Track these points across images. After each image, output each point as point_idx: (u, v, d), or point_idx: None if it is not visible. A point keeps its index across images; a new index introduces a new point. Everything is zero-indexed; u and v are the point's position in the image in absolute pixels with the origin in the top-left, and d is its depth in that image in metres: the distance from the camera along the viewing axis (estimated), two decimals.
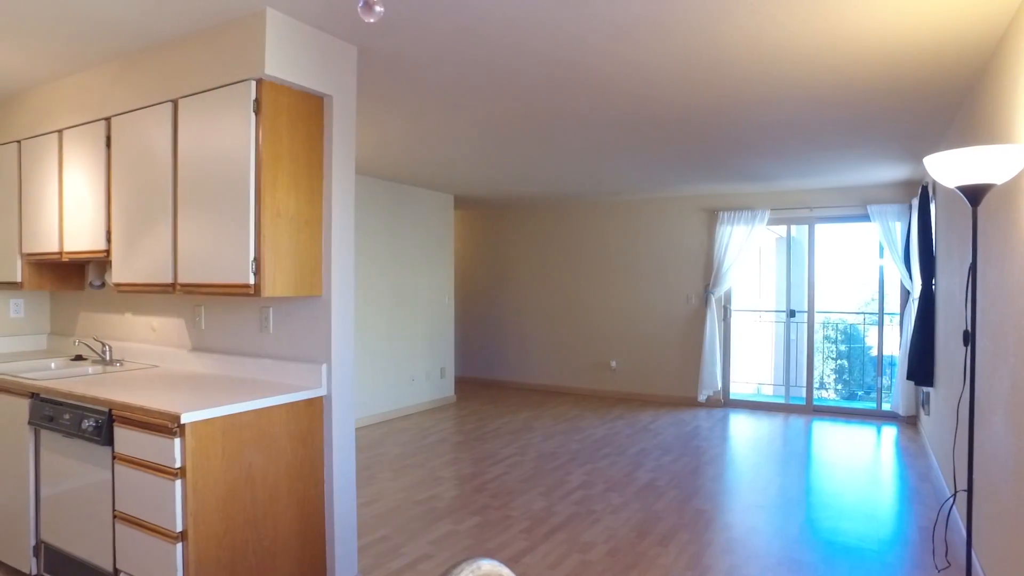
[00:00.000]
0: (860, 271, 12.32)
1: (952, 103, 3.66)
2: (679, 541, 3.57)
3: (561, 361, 8.40)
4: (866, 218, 6.64)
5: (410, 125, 4.29)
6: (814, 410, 7.10)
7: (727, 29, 2.65)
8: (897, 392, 6.49)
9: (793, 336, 7.58)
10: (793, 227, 7.41)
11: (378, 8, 1.27)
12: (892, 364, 7.02)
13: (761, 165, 5.61)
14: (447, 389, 7.52)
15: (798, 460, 5.21)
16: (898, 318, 6.68)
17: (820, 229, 7.13)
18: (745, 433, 6.16)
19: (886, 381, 7.06)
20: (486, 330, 9.00)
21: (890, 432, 6.20)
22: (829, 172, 5.91)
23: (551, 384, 8.46)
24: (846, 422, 6.62)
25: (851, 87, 3.40)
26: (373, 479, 4.61)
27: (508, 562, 3.28)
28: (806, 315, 7.22)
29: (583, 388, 8.24)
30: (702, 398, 7.35)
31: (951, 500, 3.93)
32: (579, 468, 4.92)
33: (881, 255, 6.77)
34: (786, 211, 7.09)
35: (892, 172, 5.87)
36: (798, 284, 7.40)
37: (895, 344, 6.78)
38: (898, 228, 6.37)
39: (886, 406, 6.88)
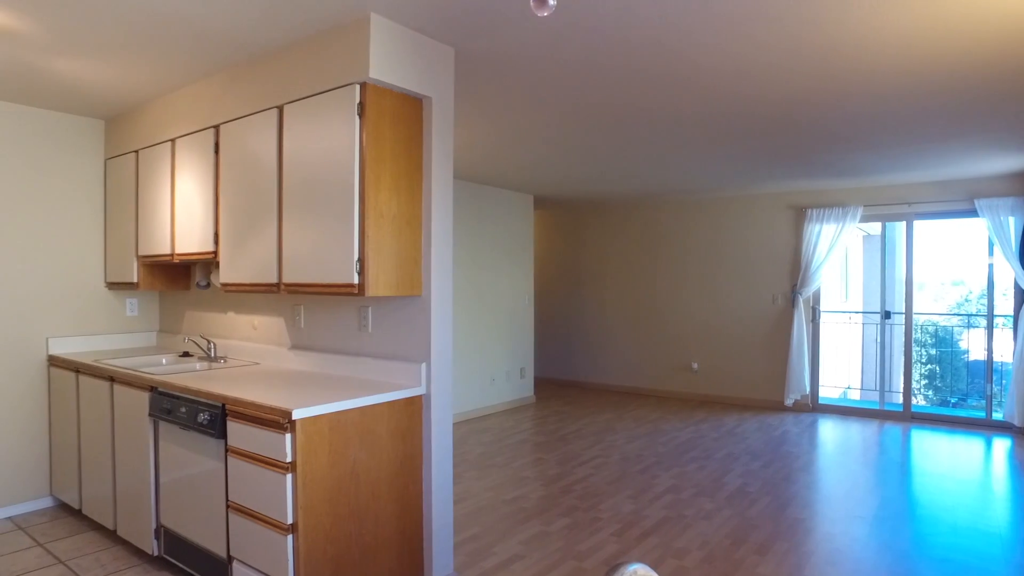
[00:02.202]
0: (953, 270, 11.59)
1: None
2: (778, 550, 3.43)
3: (641, 362, 8.27)
4: (972, 213, 6.21)
5: (497, 126, 4.31)
6: (912, 417, 6.69)
7: (840, 16, 2.52)
8: (1011, 400, 6.03)
9: (886, 338, 7.18)
10: (888, 224, 7.02)
11: (551, 1, 1.26)
12: (998, 370, 6.54)
13: (856, 159, 5.33)
14: (526, 389, 7.53)
15: (899, 470, 4.92)
16: (1009, 320, 6.21)
17: (918, 226, 6.72)
18: (838, 439, 5.88)
19: (995, 388, 6.57)
20: (565, 331, 8.96)
21: (1003, 444, 5.77)
22: (932, 165, 5.56)
23: (630, 385, 8.34)
24: (950, 431, 6.21)
25: (968, 71, 3.18)
26: (459, 478, 4.65)
27: (601, 566, 3.24)
28: (903, 317, 6.82)
29: (663, 390, 8.08)
30: (789, 402, 7.07)
31: None
32: (666, 472, 4.82)
33: (990, 252, 6.31)
34: (881, 207, 6.71)
35: (1004, 163, 5.46)
36: (892, 284, 7.00)
37: (1006, 348, 6.31)
38: (1011, 223, 5.93)
39: (997, 415, 6.41)
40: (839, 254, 6.93)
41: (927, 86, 3.40)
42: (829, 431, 6.22)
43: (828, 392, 7.71)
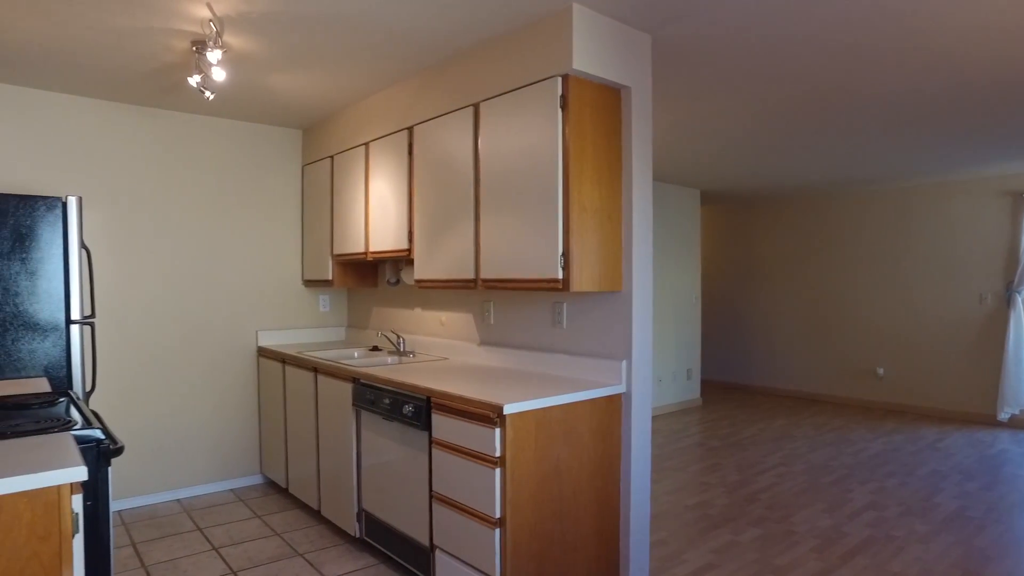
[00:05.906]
0: None
1: None
2: None
3: (816, 366, 7.66)
4: None
5: (677, 117, 4.12)
6: None
7: None
8: None
9: None
10: None
11: None
12: None
13: None
14: (693, 391, 7.23)
15: None
16: None
17: None
18: None
19: None
20: (732, 331, 8.53)
21: None
22: None
23: (803, 390, 7.75)
24: None
25: None
26: None
27: None
28: None
29: (842, 396, 7.43)
30: (1003, 417, 6.19)
31: None
32: (861, 486, 4.38)
33: None
34: None
35: None
36: None
37: None
38: None
39: None
40: None
41: None
42: None
43: None
